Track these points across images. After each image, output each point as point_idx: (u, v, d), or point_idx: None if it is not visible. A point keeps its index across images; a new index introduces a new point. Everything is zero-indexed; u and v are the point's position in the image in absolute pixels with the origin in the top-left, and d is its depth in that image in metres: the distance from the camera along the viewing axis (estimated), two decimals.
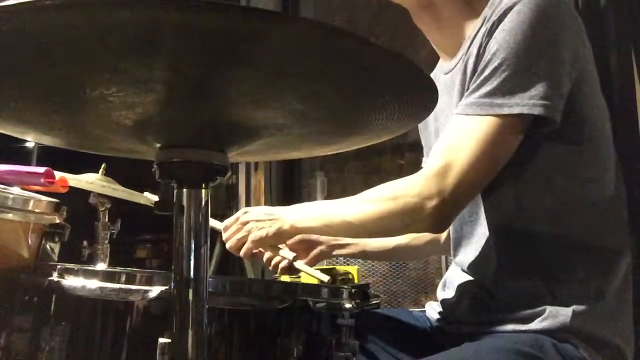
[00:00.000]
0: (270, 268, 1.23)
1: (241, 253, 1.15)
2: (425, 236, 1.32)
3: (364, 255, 1.36)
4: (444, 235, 1.31)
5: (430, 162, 1.00)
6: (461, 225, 1.12)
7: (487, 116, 0.95)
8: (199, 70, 0.50)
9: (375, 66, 0.53)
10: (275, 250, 1.16)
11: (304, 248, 1.25)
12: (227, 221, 1.18)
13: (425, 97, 0.62)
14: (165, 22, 0.43)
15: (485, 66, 0.96)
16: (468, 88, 1.00)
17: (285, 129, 0.64)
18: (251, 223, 1.14)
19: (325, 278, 1.17)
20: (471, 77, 1.00)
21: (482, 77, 0.96)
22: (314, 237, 1.25)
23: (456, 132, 0.99)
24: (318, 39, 0.48)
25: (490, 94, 0.95)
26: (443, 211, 0.97)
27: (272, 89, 0.54)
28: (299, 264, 1.18)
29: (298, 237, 1.21)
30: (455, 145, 0.97)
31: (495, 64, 0.95)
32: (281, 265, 1.20)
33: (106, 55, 0.48)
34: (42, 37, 0.45)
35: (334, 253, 1.30)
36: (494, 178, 1.02)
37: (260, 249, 1.17)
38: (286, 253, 1.16)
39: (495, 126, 0.95)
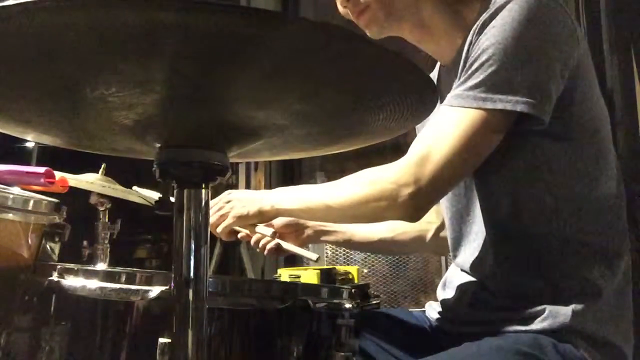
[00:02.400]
0: (258, 249, 1.26)
1: (219, 229, 1.18)
2: (410, 232, 1.33)
3: (349, 244, 1.37)
4: (429, 234, 1.32)
5: (411, 151, 1.01)
6: (460, 225, 1.12)
7: (470, 109, 0.95)
8: (198, 70, 0.50)
9: (375, 66, 0.53)
10: (253, 228, 1.20)
11: (291, 232, 1.29)
12: (212, 201, 1.20)
13: (425, 98, 0.62)
14: (165, 23, 0.43)
15: (474, 60, 0.97)
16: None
17: (285, 129, 0.64)
18: (234, 201, 1.18)
19: (314, 256, 1.18)
20: (461, 73, 1.01)
21: (470, 71, 0.97)
22: (302, 221, 1.28)
23: (439, 123, 0.99)
24: (318, 39, 0.48)
25: (476, 87, 0.95)
26: (418, 200, 0.98)
27: (272, 89, 0.54)
28: (286, 245, 1.23)
29: (285, 220, 1.25)
30: (436, 136, 0.98)
31: (483, 58, 0.95)
32: (268, 246, 1.24)
33: (106, 55, 0.48)
34: (42, 37, 0.45)
35: (321, 239, 1.33)
36: (491, 177, 1.02)
37: (239, 228, 1.20)
38: (263, 229, 1.19)
39: (477, 119, 0.95)
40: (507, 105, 0.93)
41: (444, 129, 0.97)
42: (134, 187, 1.33)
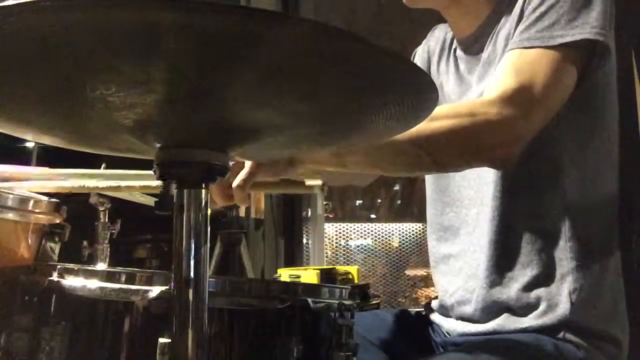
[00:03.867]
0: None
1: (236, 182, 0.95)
2: None
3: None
4: None
5: (500, 86, 0.95)
6: (458, 216, 1.12)
7: (550, 46, 0.95)
8: (198, 70, 0.50)
9: (375, 66, 0.53)
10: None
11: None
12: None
13: (425, 97, 0.62)
14: (165, 23, 0.43)
15: (540, 4, 0.97)
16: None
17: (285, 129, 0.64)
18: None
19: (319, 182, 0.99)
20: (518, 23, 1.01)
21: (537, 13, 0.97)
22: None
23: (521, 62, 0.97)
24: (318, 39, 0.48)
25: (553, 24, 0.96)
26: (523, 133, 0.94)
27: (272, 89, 0.54)
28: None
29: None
30: (528, 74, 0.95)
31: (552, 1, 0.96)
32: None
33: (106, 55, 0.47)
34: (42, 37, 0.45)
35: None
36: (495, 172, 1.02)
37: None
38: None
39: (558, 55, 0.95)
40: (584, 35, 0.94)
41: (532, 66, 0.95)
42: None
